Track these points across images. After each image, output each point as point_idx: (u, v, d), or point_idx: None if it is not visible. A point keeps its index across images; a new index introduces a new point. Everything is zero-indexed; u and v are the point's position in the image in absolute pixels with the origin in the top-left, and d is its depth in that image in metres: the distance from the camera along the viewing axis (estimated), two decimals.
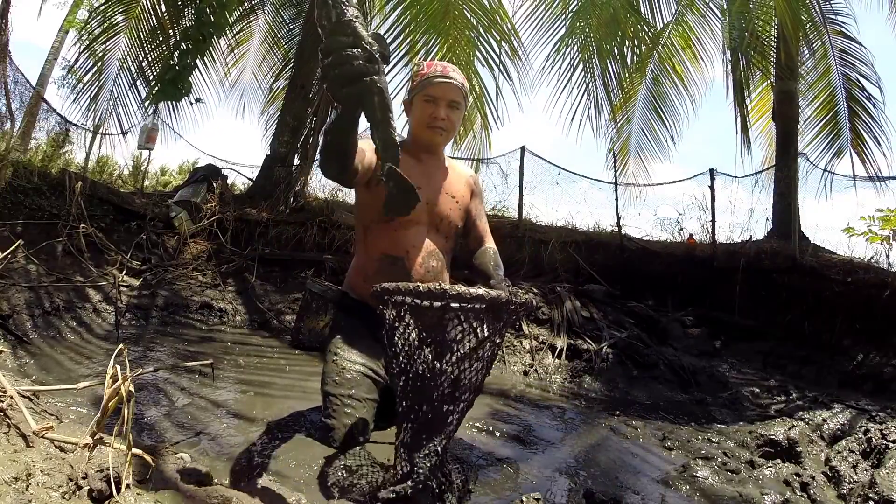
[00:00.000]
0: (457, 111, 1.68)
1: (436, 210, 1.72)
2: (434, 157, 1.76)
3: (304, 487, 1.36)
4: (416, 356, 1.23)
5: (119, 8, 5.67)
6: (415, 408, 1.25)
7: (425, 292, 1.16)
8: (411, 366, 1.24)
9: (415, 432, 1.24)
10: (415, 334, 1.23)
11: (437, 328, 1.20)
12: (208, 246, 4.48)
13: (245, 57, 7.69)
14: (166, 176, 12.69)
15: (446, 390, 1.23)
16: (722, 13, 6.18)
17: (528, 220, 6.23)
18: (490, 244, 1.81)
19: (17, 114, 6.05)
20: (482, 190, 1.91)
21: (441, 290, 1.15)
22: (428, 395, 1.23)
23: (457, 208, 1.76)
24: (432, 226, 1.72)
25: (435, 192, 1.72)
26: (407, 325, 1.24)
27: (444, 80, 1.63)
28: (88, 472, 1.07)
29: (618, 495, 1.61)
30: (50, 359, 2.35)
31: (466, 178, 1.84)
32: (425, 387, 1.23)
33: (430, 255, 1.70)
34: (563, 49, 5.24)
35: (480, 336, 1.23)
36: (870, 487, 1.70)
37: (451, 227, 1.76)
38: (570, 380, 3.22)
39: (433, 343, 1.22)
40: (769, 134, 7.95)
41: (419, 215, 1.68)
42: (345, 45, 0.96)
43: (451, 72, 1.66)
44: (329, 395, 1.62)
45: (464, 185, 1.81)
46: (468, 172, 1.89)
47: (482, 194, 1.90)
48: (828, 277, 4.71)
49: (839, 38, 6.90)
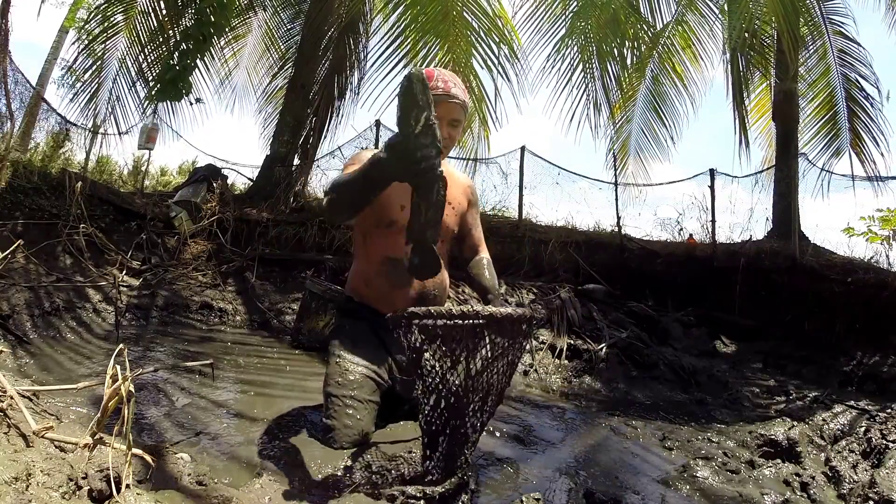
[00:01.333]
0: (457, 128, 1.71)
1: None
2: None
3: (304, 487, 1.36)
4: (447, 375, 1.30)
5: (118, 8, 5.67)
6: (449, 423, 1.32)
7: (458, 315, 1.24)
8: (444, 385, 1.30)
9: (449, 445, 1.32)
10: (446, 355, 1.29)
11: (468, 348, 1.28)
12: (208, 246, 4.48)
13: (241, 55, 7.67)
14: (166, 176, 12.67)
15: (477, 404, 1.32)
16: (722, 13, 6.18)
17: (528, 220, 6.23)
18: (484, 254, 1.86)
19: (17, 114, 6.04)
20: (479, 198, 1.96)
21: (474, 311, 1.24)
22: (461, 411, 1.31)
23: (453, 214, 1.81)
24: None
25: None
26: (438, 346, 1.29)
27: (446, 98, 1.64)
28: (88, 472, 1.07)
29: (618, 495, 1.61)
30: (50, 359, 2.35)
31: (464, 186, 1.88)
32: (459, 403, 1.31)
33: None
34: (563, 50, 5.25)
35: (507, 350, 1.31)
36: (870, 487, 1.70)
37: (448, 233, 1.80)
38: (570, 380, 3.22)
39: (465, 361, 1.29)
40: (769, 134, 7.96)
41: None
42: (426, 146, 1.18)
43: (453, 88, 1.66)
44: (331, 396, 1.63)
45: (461, 193, 1.85)
46: (466, 181, 1.93)
47: (479, 203, 1.95)
48: (828, 277, 4.72)
49: (839, 39, 6.91)
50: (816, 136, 7.27)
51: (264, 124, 7.57)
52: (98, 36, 5.77)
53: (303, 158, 6.00)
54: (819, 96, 7.22)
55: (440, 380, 1.30)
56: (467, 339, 1.26)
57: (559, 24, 5.33)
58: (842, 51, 6.93)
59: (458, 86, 1.68)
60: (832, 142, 7.15)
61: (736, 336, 4.55)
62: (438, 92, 1.63)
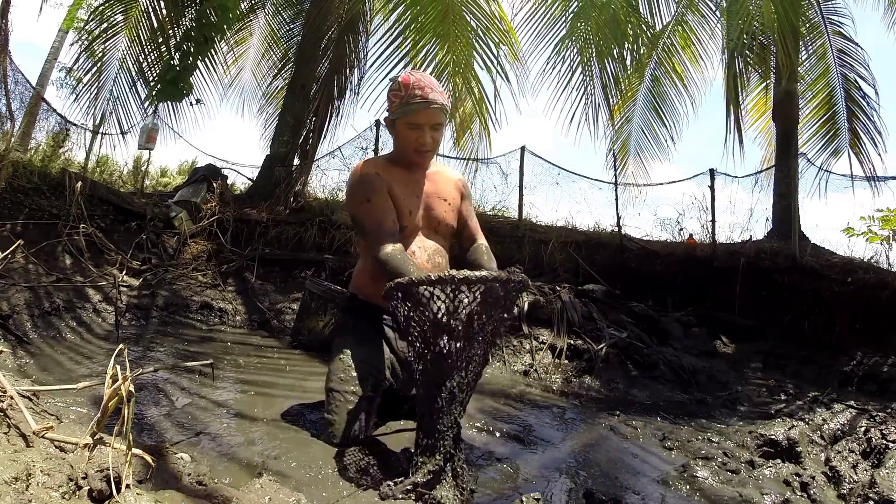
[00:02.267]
0: (440, 131, 1.78)
1: (432, 214, 1.84)
2: (422, 168, 1.86)
3: (304, 487, 1.36)
4: (431, 339, 1.39)
5: (118, 8, 5.66)
6: (434, 385, 1.39)
7: (437, 280, 1.34)
8: (428, 349, 1.40)
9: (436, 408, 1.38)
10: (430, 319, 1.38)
11: (449, 311, 1.37)
12: (208, 246, 4.48)
13: (244, 56, 7.69)
14: (166, 176, 12.67)
15: (461, 364, 1.40)
16: (721, 13, 6.18)
17: (528, 220, 6.23)
18: (481, 241, 1.92)
19: (17, 114, 6.04)
20: (471, 191, 2.04)
21: (450, 275, 1.33)
22: (446, 372, 1.39)
23: (450, 210, 1.87)
24: (430, 229, 1.84)
25: (429, 198, 1.84)
26: (422, 312, 1.38)
27: (425, 104, 1.68)
28: (88, 472, 1.07)
29: (618, 495, 1.61)
30: (50, 359, 2.35)
31: (455, 181, 1.94)
32: (443, 365, 1.39)
33: (434, 252, 1.82)
34: (563, 51, 5.25)
35: (486, 312, 1.41)
36: (870, 487, 1.70)
37: (447, 229, 1.88)
38: (570, 380, 3.22)
39: (447, 324, 1.37)
40: (768, 134, 7.96)
41: (418, 221, 1.80)
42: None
43: (431, 93, 1.69)
44: (332, 392, 1.65)
45: (453, 189, 1.91)
46: (456, 176, 1.99)
47: (471, 195, 2.03)
48: (828, 277, 4.72)
49: (838, 39, 6.91)
50: (815, 136, 7.29)
51: (265, 124, 7.59)
52: (98, 36, 5.76)
53: (303, 158, 6.00)
54: (818, 96, 7.23)
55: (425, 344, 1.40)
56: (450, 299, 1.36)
57: (559, 26, 5.33)
58: (841, 51, 6.93)
59: (435, 89, 1.71)
60: (831, 141, 7.16)
61: (736, 336, 4.55)
62: (417, 101, 1.67)
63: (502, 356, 3.40)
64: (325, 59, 6.03)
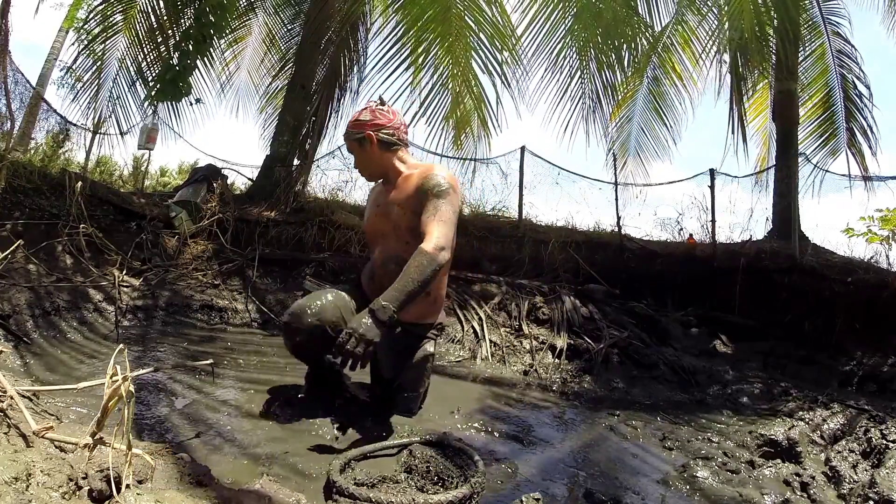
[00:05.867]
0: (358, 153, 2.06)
1: (390, 219, 2.00)
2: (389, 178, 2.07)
3: (304, 487, 1.36)
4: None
5: (118, 8, 5.66)
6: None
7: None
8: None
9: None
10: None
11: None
12: (208, 246, 4.48)
13: (242, 56, 7.68)
14: (166, 176, 12.68)
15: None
16: (720, 13, 6.17)
17: (528, 220, 6.23)
18: (425, 245, 1.77)
19: (17, 114, 6.05)
20: (447, 188, 1.88)
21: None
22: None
23: (402, 214, 1.96)
24: (391, 233, 2.01)
25: (386, 205, 2.02)
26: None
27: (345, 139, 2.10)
28: (88, 472, 1.07)
29: (618, 495, 1.61)
30: (51, 358, 2.35)
31: (417, 184, 1.94)
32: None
33: (388, 259, 1.99)
34: (564, 51, 5.24)
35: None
36: (870, 487, 1.70)
37: (405, 231, 1.95)
38: (570, 380, 3.22)
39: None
40: (765, 133, 7.97)
41: (379, 226, 2.04)
42: None
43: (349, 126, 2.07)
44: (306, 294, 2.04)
45: (412, 192, 1.94)
46: (421, 178, 1.93)
47: (442, 193, 1.88)
48: (828, 277, 4.72)
49: (837, 39, 6.92)
50: (812, 136, 7.29)
51: (264, 125, 7.59)
52: (97, 36, 5.76)
53: (303, 158, 5.99)
54: (816, 96, 7.23)
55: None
56: None
57: (560, 28, 5.32)
58: (840, 51, 6.94)
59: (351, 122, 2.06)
60: (828, 141, 7.17)
61: (736, 336, 4.54)
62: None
63: (502, 356, 3.40)
64: (325, 60, 6.03)
